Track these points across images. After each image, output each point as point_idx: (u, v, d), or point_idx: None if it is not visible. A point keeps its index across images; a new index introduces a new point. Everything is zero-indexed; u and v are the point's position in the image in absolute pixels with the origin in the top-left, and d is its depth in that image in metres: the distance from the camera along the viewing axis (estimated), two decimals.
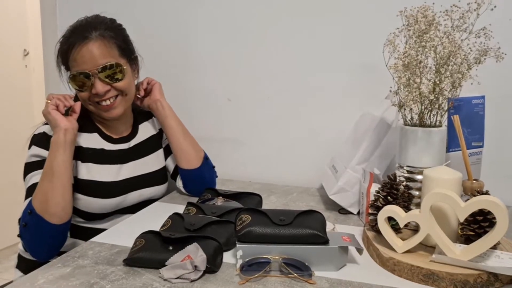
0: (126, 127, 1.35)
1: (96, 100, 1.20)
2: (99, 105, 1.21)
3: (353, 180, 1.24)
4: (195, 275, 0.84)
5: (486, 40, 0.98)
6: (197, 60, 1.66)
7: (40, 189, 1.08)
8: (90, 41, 1.16)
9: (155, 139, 1.41)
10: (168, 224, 1.03)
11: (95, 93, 1.17)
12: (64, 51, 1.19)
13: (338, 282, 0.84)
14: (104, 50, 1.18)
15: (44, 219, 1.06)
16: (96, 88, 1.17)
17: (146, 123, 1.41)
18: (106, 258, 0.95)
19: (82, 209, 1.21)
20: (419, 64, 0.99)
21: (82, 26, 1.19)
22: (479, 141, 1.14)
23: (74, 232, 1.23)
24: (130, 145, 1.33)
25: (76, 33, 1.17)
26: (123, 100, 1.24)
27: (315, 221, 0.92)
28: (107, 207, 1.24)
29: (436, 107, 1.02)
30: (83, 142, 1.24)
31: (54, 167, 1.09)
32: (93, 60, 1.16)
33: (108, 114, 1.23)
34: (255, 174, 1.64)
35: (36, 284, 0.83)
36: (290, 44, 1.55)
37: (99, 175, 1.23)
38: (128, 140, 1.34)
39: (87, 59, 1.16)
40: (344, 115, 1.49)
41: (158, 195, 1.38)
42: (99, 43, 1.17)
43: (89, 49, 1.16)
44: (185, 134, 1.38)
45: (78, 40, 1.16)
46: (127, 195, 1.27)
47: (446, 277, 0.82)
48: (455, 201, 0.83)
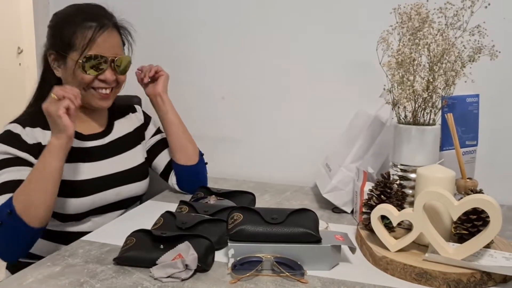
0: (100, 123, 1.31)
1: (100, 86, 1.19)
2: (97, 92, 1.20)
3: (346, 178, 1.23)
4: (186, 274, 0.83)
5: (480, 38, 0.98)
6: (191, 58, 1.66)
7: (26, 191, 1.03)
8: (109, 27, 1.18)
9: (131, 137, 1.37)
10: (160, 222, 1.02)
11: (103, 79, 1.18)
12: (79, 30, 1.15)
13: (331, 281, 0.84)
14: (119, 42, 1.23)
15: (24, 220, 1.01)
16: (106, 75, 1.18)
17: (122, 120, 1.37)
18: (96, 257, 0.93)
19: (56, 210, 1.15)
20: (412, 62, 0.99)
21: (96, 10, 1.20)
22: (473, 140, 1.14)
23: (53, 236, 1.19)
24: (105, 141, 1.29)
25: (91, 16, 1.17)
26: (115, 94, 1.25)
27: (308, 220, 0.91)
28: (81, 207, 1.19)
29: (429, 105, 1.01)
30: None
31: (48, 171, 1.04)
32: (114, 48, 1.19)
33: (102, 103, 1.22)
34: (249, 172, 1.64)
35: (25, 283, 0.82)
36: (284, 42, 1.54)
37: (69, 174, 1.17)
38: (103, 136, 1.29)
39: (109, 45, 1.17)
40: (338, 113, 1.49)
41: (138, 192, 1.33)
42: (116, 33, 1.22)
43: (111, 36, 1.18)
44: (184, 130, 1.36)
45: (100, 24, 1.16)
46: (102, 194, 1.22)
47: (439, 276, 0.82)
48: (448, 200, 0.83)
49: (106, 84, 1.20)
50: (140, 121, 1.42)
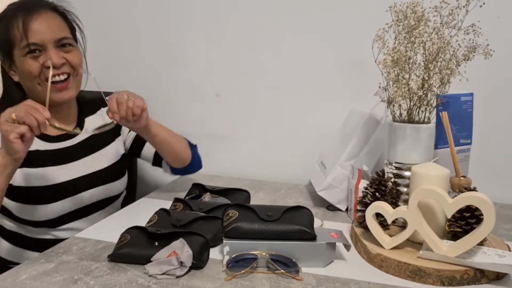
0: (68, 122, 1.21)
1: (50, 75, 1.06)
2: (53, 85, 1.07)
3: (341, 176, 1.23)
4: (181, 271, 0.83)
5: (475, 37, 0.98)
6: (186, 55, 1.65)
7: None
8: (44, 12, 1.09)
9: (104, 134, 1.20)
10: (155, 219, 1.02)
11: (49, 65, 1.06)
12: (11, 24, 1.07)
13: (325, 278, 0.84)
14: (61, 23, 1.13)
15: None
16: (52, 59, 1.07)
17: (93, 117, 1.28)
18: (90, 253, 0.93)
19: (27, 218, 1.12)
20: (408, 60, 0.99)
21: (27, 3, 1.10)
22: (467, 138, 1.14)
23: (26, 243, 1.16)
24: (74, 142, 1.21)
25: (22, 6, 1.08)
26: (75, 82, 1.14)
27: (303, 217, 0.91)
28: (53, 213, 1.13)
29: (424, 103, 1.02)
30: None
31: None
32: (53, 29, 1.09)
33: (62, 96, 1.11)
34: (243, 170, 1.63)
35: (18, 280, 0.82)
36: (279, 40, 1.54)
37: (37, 180, 1.11)
38: (72, 136, 1.20)
39: (46, 26, 1.08)
40: (333, 111, 1.49)
41: (114, 192, 1.26)
42: (55, 14, 1.12)
43: (47, 18, 1.09)
44: (175, 141, 1.27)
45: (29, 9, 1.07)
46: (75, 197, 1.16)
47: (433, 273, 0.82)
48: (442, 198, 0.83)
49: (57, 69, 1.08)
50: None
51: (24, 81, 1.12)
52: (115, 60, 1.68)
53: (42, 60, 1.08)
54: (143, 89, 1.68)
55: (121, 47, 1.69)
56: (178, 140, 1.30)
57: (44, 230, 1.16)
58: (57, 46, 1.10)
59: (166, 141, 1.25)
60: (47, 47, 1.08)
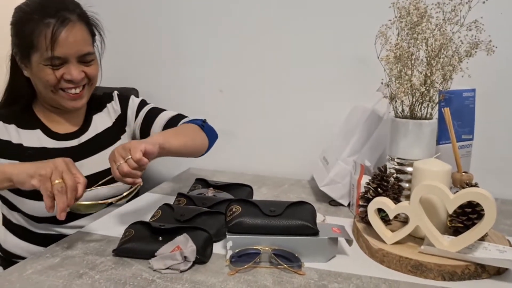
0: (76, 121, 1.22)
1: (68, 86, 1.10)
2: (66, 93, 1.11)
3: (344, 172, 1.24)
4: (185, 266, 0.84)
5: (477, 33, 0.99)
6: (190, 51, 1.65)
7: None
8: (71, 23, 1.07)
9: (111, 131, 1.27)
10: (158, 214, 1.02)
11: (69, 79, 1.09)
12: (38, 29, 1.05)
13: (328, 273, 0.85)
14: (85, 35, 1.11)
15: None
16: (73, 75, 1.08)
17: (100, 114, 1.28)
18: (95, 248, 0.94)
19: (29, 213, 1.13)
20: (410, 56, 0.99)
21: (56, 3, 1.08)
22: (469, 134, 1.15)
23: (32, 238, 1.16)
24: (81, 141, 1.21)
25: (50, 10, 1.06)
26: (88, 91, 1.16)
27: (305, 212, 0.92)
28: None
29: (427, 99, 1.02)
30: (24, 140, 1.13)
31: None
32: (76, 45, 1.08)
33: (74, 104, 1.14)
34: (246, 165, 1.64)
35: (25, 274, 0.83)
36: (281, 36, 1.54)
37: None
38: (78, 135, 1.21)
39: (73, 40, 1.07)
40: (336, 107, 1.49)
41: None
42: (81, 25, 1.10)
43: (74, 30, 1.07)
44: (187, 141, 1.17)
45: (60, 19, 1.05)
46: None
47: (434, 268, 0.83)
48: (444, 193, 0.84)
49: (74, 83, 1.10)
50: (117, 112, 1.31)
51: (37, 84, 1.13)
52: (120, 56, 1.68)
53: (61, 72, 1.08)
54: (146, 84, 1.70)
55: (126, 43, 1.70)
56: (192, 139, 1.21)
57: (47, 226, 1.16)
58: (78, 61, 1.10)
59: (183, 151, 1.16)
60: (69, 60, 1.09)
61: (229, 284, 0.80)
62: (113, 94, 1.34)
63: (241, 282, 0.81)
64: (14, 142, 1.12)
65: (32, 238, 1.17)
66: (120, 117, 1.31)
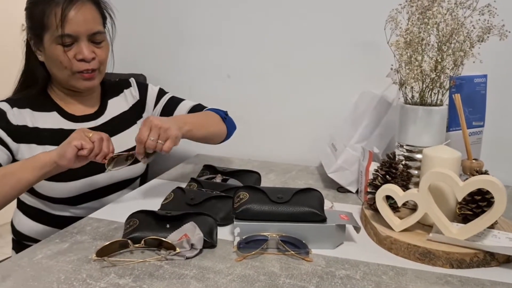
0: (92, 103, 1.26)
1: (81, 68, 1.12)
2: (81, 74, 1.13)
3: (352, 158, 1.23)
4: (191, 253, 0.84)
5: (490, 18, 0.96)
6: (197, 35, 1.64)
7: None
8: (80, 1, 1.09)
9: (127, 115, 1.31)
10: (171, 197, 1.04)
11: (81, 58, 1.11)
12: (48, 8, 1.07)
13: (335, 260, 0.85)
14: (95, 14, 1.14)
15: None
16: (84, 53, 1.10)
17: (116, 99, 1.32)
18: (104, 234, 0.95)
19: (46, 194, 1.15)
20: (421, 42, 0.98)
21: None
22: (480, 121, 1.13)
23: (48, 220, 1.19)
24: (98, 123, 1.24)
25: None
26: (100, 74, 1.19)
27: (313, 199, 0.92)
28: (72, 191, 1.16)
29: (437, 85, 1.00)
30: (41, 122, 1.15)
31: (16, 178, 0.98)
32: (86, 24, 1.10)
33: (85, 84, 1.15)
34: (254, 152, 1.64)
35: (35, 259, 0.84)
36: (290, 21, 1.53)
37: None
38: (95, 117, 1.24)
39: (82, 18, 1.09)
40: (344, 93, 1.48)
41: (132, 175, 1.28)
42: (90, 5, 1.13)
43: (83, 8, 1.10)
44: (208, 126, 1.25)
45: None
46: (93, 177, 1.18)
47: (443, 256, 0.83)
48: (453, 181, 0.83)
49: (86, 63, 1.12)
50: (135, 98, 1.35)
51: (51, 66, 1.15)
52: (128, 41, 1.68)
53: (73, 53, 1.11)
54: (154, 70, 1.69)
55: (134, 28, 1.69)
56: (213, 130, 1.27)
57: (62, 207, 1.19)
58: (89, 40, 1.12)
59: (201, 140, 1.25)
60: (79, 39, 1.10)
61: (236, 270, 0.80)
62: (131, 80, 1.38)
63: (248, 268, 0.81)
64: (30, 126, 1.14)
65: (46, 220, 1.20)
66: (138, 103, 1.35)
